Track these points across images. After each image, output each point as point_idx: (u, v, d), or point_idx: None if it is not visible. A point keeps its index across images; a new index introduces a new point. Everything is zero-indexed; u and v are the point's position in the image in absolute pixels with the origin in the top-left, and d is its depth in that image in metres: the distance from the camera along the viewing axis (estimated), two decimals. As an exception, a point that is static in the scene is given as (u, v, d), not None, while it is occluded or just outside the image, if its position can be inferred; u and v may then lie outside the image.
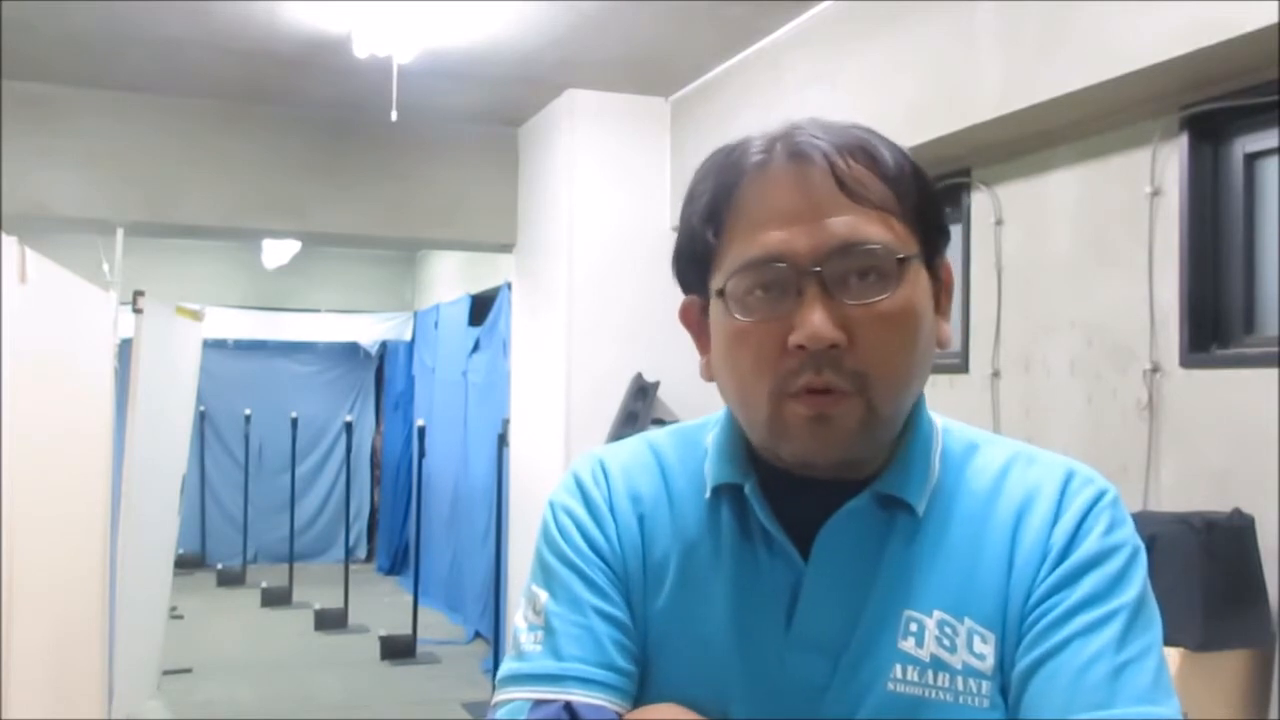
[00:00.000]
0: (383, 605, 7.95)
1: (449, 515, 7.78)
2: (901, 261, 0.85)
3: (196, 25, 4.01)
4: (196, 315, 5.36)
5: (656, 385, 4.52)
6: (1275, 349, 2.48)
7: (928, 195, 0.90)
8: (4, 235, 2.68)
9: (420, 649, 6.66)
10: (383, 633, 6.72)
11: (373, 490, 10.13)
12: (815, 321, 0.83)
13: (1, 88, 4.56)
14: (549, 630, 0.91)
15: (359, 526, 9.97)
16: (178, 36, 4.14)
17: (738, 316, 0.87)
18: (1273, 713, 2.39)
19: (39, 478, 2.97)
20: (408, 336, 9.49)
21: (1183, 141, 2.67)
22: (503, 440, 5.71)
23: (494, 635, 5.98)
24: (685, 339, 0.98)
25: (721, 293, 0.88)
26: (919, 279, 0.88)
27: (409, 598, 7.12)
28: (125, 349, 4.14)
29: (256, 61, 4.42)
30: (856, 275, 0.85)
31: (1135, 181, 2.78)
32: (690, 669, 0.90)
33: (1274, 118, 2.51)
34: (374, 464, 10.11)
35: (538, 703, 0.88)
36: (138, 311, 4.30)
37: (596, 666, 0.89)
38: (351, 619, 7.41)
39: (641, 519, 0.95)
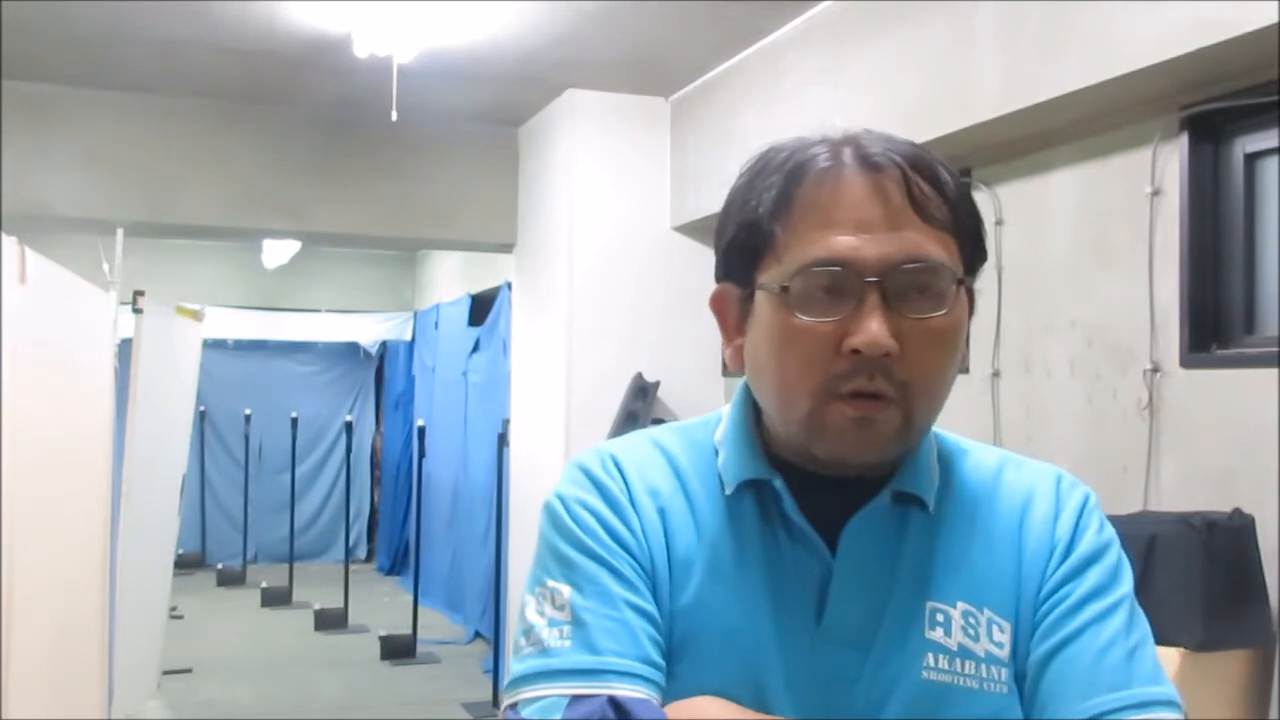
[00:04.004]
0: (383, 605, 7.95)
1: (449, 515, 7.78)
2: (958, 282, 0.90)
3: (196, 25, 4.01)
4: (196, 315, 5.36)
5: (656, 385, 4.52)
6: (1275, 349, 2.47)
7: (978, 220, 0.94)
8: (4, 235, 2.68)
9: (420, 649, 6.66)
10: (383, 633, 6.73)
11: (373, 490, 10.13)
12: (874, 330, 0.86)
13: (1, 88, 4.56)
14: (579, 624, 0.89)
15: (359, 526, 9.98)
16: (178, 36, 4.13)
17: (799, 315, 0.88)
18: (1273, 713, 2.40)
19: (39, 478, 2.97)
20: (408, 336, 9.49)
21: (1183, 141, 2.67)
22: (503, 440, 5.71)
23: (494, 635, 5.98)
24: (685, 339, 0.99)
25: (785, 289, 0.89)
26: (963, 299, 0.92)
27: (409, 598, 7.12)
28: (125, 349, 4.13)
29: (256, 61, 4.42)
30: (916, 290, 0.88)
31: (1135, 181, 2.78)
32: (723, 663, 0.91)
33: (1274, 118, 2.51)
34: (374, 464, 10.11)
35: (576, 698, 0.85)
36: (138, 311, 4.30)
37: (635, 660, 0.88)
38: (351, 619, 7.41)
39: (663, 513, 0.95)
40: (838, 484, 0.93)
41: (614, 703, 0.85)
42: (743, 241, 0.93)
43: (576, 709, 0.85)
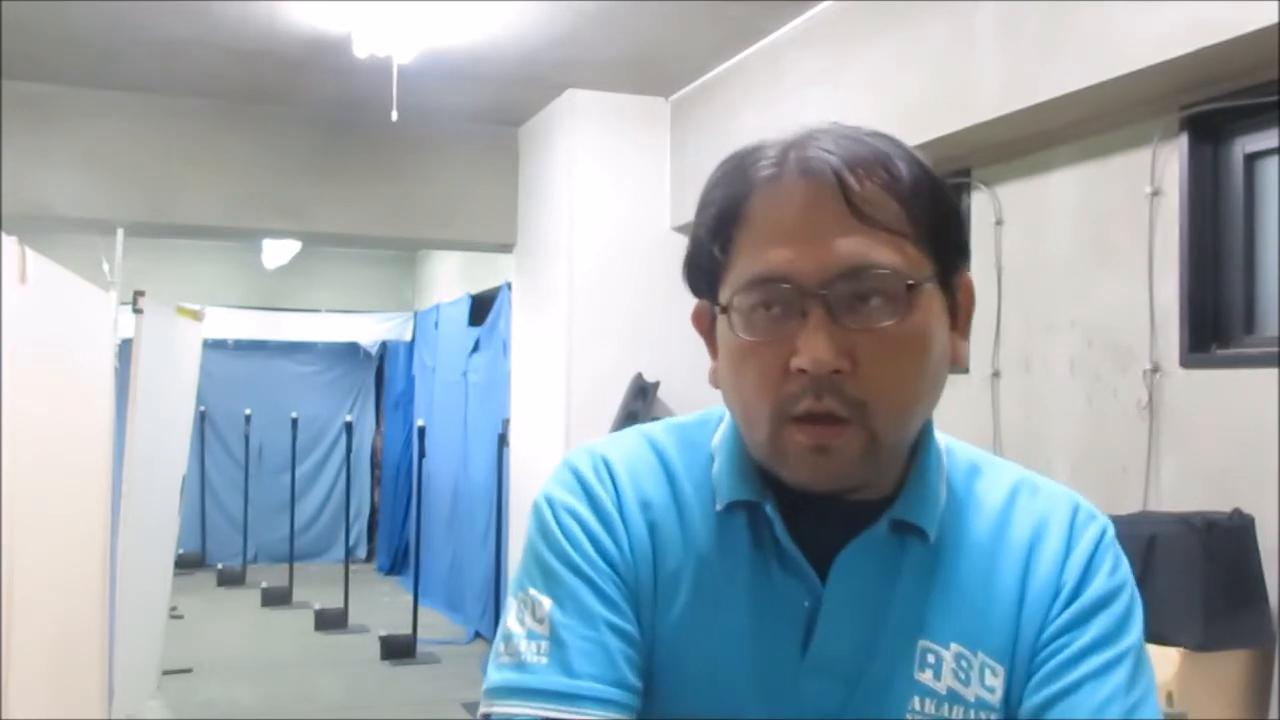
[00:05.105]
0: (383, 605, 7.95)
1: (449, 515, 7.78)
2: (911, 286, 0.83)
3: (196, 25, 4.01)
4: (196, 315, 5.36)
5: (656, 385, 4.52)
6: (1275, 349, 2.48)
7: (945, 214, 0.87)
8: (4, 235, 2.68)
9: (420, 649, 6.66)
10: (383, 633, 6.72)
11: (373, 490, 10.13)
12: (818, 346, 0.81)
13: (1, 88, 4.56)
14: (557, 642, 0.86)
15: (359, 526, 9.98)
16: (178, 36, 4.14)
17: (742, 334, 0.85)
18: (1273, 713, 2.39)
19: (39, 478, 2.97)
20: (408, 336, 9.49)
21: (1183, 141, 2.68)
22: (503, 440, 5.71)
23: (494, 635, 5.98)
24: (685, 339, 0.97)
25: (726, 308, 0.86)
26: (931, 302, 0.85)
27: (409, 598, 7.12)
28: (125, 349, 4.13)
29: (256, 61, 4.42)
30: (863, 299, 0.82)
31: (1135, 181, 2.78)
32: (702, 687, 0.88)
33: (1274, 118, 2.51)
34: (374, 464, 10.11)
35: None
36: (138, 311, 4.30)
37: (611, 685, 0.85)
38: (351, 619, 7.41)
39: (652, 527, 0.90)
40: (835, 507, 0.88)
41: None
42: (694, 260, 0.90)
43: None
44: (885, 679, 0.86)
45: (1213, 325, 2.65)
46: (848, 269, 0.81)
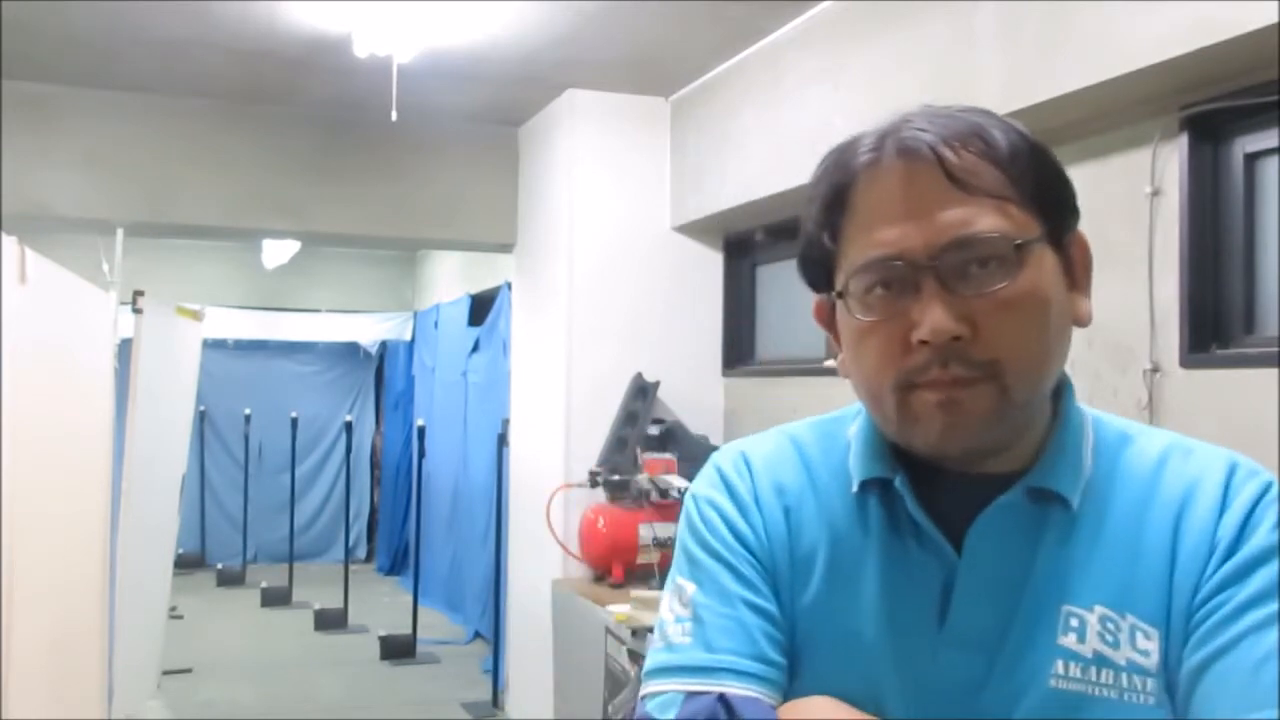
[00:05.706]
0: (383, 605, 7.96)
1: (449, 515, 7.79)
2: (1020, 247, 0.85)
3: (196, 25, 4.01)
4: (196, 315, 5.36)
5: (656, 385, 4.52)
6: (1275, 349, 2.47)
7: (1048, 176, 0.88)
8: (4, 235, 2.68)
9: (420, 649, 6.67)
10: (383, 633, 6.73)
11: (373, 490, 10.13)
12: (935, 316, 0.83)
13: (1, 88, 4.56)
14: (698, 622, 0.91)
15: (359, 526, 9.98)
16: (178, 36, 4.13)
17: (859, 316, 0.88)
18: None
19: (39, 477, 2.97)
20: (408, 336, 9.49)
21: (1183, 141, 2.67)
22: (503, 440, 5.71)
23: (494, 635, 5.98)
24: (685, 339, 0.99)
25: (842, 293, 0.89)
26: (1044, 261, 0.87)
27: (409, 598, 7.13)
28: (125, 349, 4.14)
29: (256, 61, 4.42)
30: (976, 265, 0.84)
31: (1135, 181, 2.78)
32: (841, 663, 0.90)
33: (1274, 118, 2.51)
34: (374, 464, 10.12)
35: (690, 694, 0.87)
36: (138, 311, 4.30)
37: (749, 658, 0.89)
38: (351, 619, 7.42)
39: (787, 511, 0.95)
40: (969, 480, 0.89)
41: (724, 701, 0.86)
42: (808, 253, 0.93)
43: (690, 705, 0.87)
44: (1026, 646, 0.86)
45: (1213, 325, 2.65)
46: (954, 239, 0.84)
